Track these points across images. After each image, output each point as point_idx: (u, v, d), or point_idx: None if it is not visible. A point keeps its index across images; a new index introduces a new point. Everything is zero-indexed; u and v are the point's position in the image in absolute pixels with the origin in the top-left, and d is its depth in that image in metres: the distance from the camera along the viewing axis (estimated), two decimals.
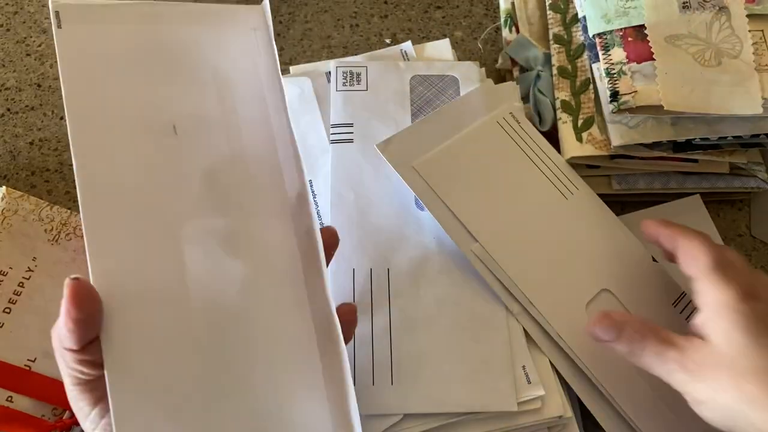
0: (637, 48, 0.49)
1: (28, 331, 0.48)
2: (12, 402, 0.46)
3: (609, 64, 0.49)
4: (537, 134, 0.52)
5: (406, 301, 0.47)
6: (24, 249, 0.50)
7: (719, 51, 0.48)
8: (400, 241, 0.49)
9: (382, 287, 0.47)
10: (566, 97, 0.54)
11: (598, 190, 0.55)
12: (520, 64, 0.58)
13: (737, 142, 0.50)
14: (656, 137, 0.49)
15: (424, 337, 0.45)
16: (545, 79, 0.55)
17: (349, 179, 0.50)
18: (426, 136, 0.50)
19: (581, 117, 0.53)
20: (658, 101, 0.47)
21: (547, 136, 0.53)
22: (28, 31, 0.65)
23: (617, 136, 0.50)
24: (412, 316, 0.46)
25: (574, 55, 0.55)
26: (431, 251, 0.48)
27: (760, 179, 0.54)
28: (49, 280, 0.50)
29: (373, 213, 0.49)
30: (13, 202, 0.51)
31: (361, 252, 0.48)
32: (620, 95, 0.48)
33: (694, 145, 0.50)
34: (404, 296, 0.47)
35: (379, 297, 0.47)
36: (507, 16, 0.62)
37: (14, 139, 0.60)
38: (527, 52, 0.57)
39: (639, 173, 0.54)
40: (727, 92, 0.47)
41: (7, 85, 0.62)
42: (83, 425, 0.35)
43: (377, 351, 0.45)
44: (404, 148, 0.49)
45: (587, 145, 0.52)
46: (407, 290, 0.47)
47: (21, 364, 0.47)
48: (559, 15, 0.57)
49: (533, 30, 0.59)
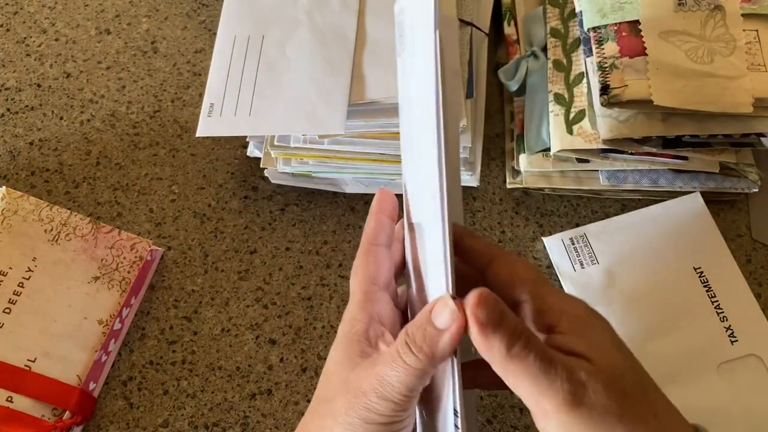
0: (630, 43, 0.49)
1: (28, 331, 0.49)
2: (12, 402, 0.46)
3: (601, 58, 0.50)
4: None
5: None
6: (24, 249, 0.51)
7: (712, 49, 0.48)
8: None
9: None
10: (559, 89, 0.54)
11: (588, 186, 0.55)
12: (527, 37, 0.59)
13: (727, 141, 0.50)
14: (646, 132, 0.49)
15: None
16: (541, 61, 0.56)
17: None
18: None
19: (573, 110, 0.53)
20: (649, 96, 0.47)
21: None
22: (28, 31, 0.66)
23: (607, 129, 0.50)
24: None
25: (569, 49, 0.55)
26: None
27: (750, 180, 0.53)
28: (49, 280, 0.50)
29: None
30: (13, 202, 0.52)
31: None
32: (611, 89, 0.48)
33: (684, 142, 0.50)
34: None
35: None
36: (506, 10, 0.62)
37: (14, 139, 0.60)
38: (537, 28, 0.58)
39: (628, 170, 0.54)
40: (719, 90, 0.47)
41: (7, 85, 0.63)
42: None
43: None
44: None
45: (577, 138, 0.52)
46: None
47: (21, 364, 0.48)
48: (558, 9, 0.57)
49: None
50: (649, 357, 0.49)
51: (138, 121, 0.62)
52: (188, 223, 0.57)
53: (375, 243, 0.37)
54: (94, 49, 0.65)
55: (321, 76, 0.51)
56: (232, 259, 0.56)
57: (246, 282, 0.55)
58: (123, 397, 0.51)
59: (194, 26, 0.66)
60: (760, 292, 0.54)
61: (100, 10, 0.67)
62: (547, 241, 0.55)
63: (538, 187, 0.57)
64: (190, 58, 0.65)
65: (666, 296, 0.52)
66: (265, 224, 0.57)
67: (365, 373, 0.32)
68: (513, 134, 0.59)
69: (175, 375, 0.52)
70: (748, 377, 0.49)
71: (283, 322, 0.54)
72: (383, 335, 0.34)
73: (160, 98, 0.63)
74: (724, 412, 0.48)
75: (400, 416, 0.32)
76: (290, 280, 0.55)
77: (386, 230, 0.38)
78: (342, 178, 0.57)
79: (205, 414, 0.51)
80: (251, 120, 0.51)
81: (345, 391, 0.33)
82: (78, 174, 0.59)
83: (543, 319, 0.34)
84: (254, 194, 0.59)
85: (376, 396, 0.32)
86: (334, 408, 0.33)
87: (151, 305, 0.54)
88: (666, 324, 0.50)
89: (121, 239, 0.53)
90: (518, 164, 0.56)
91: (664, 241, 0.54)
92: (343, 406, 0.32)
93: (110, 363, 0.52)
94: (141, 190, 0.58)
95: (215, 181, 0.59)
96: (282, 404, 0.51)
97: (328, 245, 0.56)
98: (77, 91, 0.63)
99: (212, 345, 0.53)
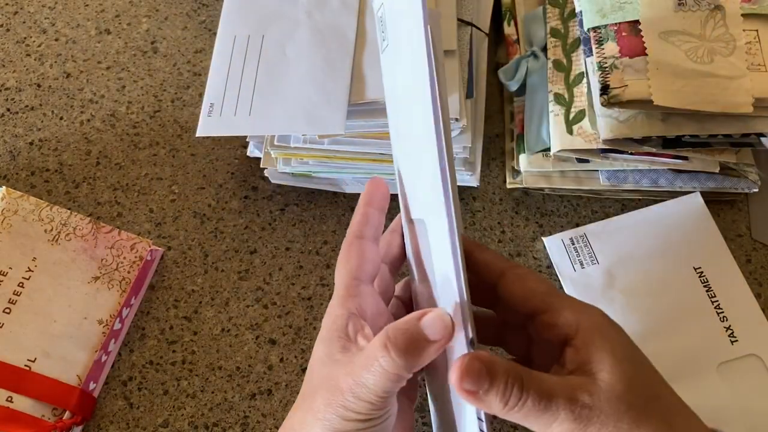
0: (630, 43, 0.49)
1: (28, 331, 0.49)
2: (12, 402, 0.46)
3: (601, 58, 0.50)
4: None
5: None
6: (24, 249, 0.51)
7: (712, 49, 0.48)
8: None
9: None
10: (559, 89, 0.54)
11: (588, 186, 0.55)
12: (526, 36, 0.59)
13: (727, 141, 0.50)
14: (646, 132, 0.49)
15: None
16: (541, 61, 0.56)
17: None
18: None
19: (573, 110, 0.53)
20: (648, 96, 0.47)
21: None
22: (28, 31, 0.66)
23: (607, 129, 0.50)
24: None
25: (569, 49, 0.55)
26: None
27: (750, 181, 0.53)
28: (49, 280, 0.50)
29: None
30: (13, 202, 0.52)
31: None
32: (611, 89, 0.48)
33: (684, 142, 0.50)
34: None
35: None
36: (506, 10, 0.62)
37: (14, 139, 0.60)
38: (537, 28, 0.58)
39: (628, 170, 0.54)
40: (719, 90, 0.47)
41: (7, 85, 0.63)
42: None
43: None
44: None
45: (577, 138, 0.52)
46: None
47: (21, 364, 0.48)
48: (558, 9, 0.57)
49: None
50: (649, 357, 0.49)
51: (138, 121, 0.62)
52: (188, 223, 0.57)
53: (359, 237, 0.37)
54: (94, 49, 0.65)
55: (321, 76, 0.51)
56: (232, 259, 0.56)
57: (246, 282, 0.55)
58: (123, 397, 0.51)
59: (194, 26, 0.66)
60: (760, 292, 0.54)
61: (100, 10, 0.67)
62: (547, 241, 0.55)
63: (538, 187, 0.57)
64: (190, 58, 0.65)
65: (666, 296, 0.52)
66: (265, 224, 0.57)
67: (343, 370, 0.33)
68: (513, 134, 0.59)
69: (175, 375, 0.52)
70: (748, 377, 0.49)
71: (283, 322, 0.54)
72: (363, 329, 0.34)
73: (160, 98, 0.63)
74: (724, 412, 0.48)
75: (377, 413, 0.33)
76: (290, 280, 0.55)
77: (373, 223, 0.38)
78: (342, 178, 0.57)
79: (205, 414, 0.51)
80: (251, 120, 0.51)
81: (324, 388, 0.33)
82: (78, 174, 0.59)
83: (558, 333, 0.34)
84: (254, 194, 0.59)
85: (353, 396, 0.32)
86: (314, 404, 0.33)
87: (151, 305, 0.54)
88: (666, 324, 0.50)
89: (121, 239, 0.53)
90: (518, 164, 0.56)
91: (664, 241, 0.53)
92: (323, 403, 0.33)
93: (110, 363, 0.52)
94: (141, 190, 0.58)
95: (215, 181, 0.59)
96: (282, 404, 0.51)
97: (328, 245, 0.56)
98: (77, 91, 0.63)
99: (212, 345, 0.53)
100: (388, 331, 0.32)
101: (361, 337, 0.34)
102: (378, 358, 0.31)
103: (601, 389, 0.31)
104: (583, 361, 0.32)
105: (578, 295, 0.52)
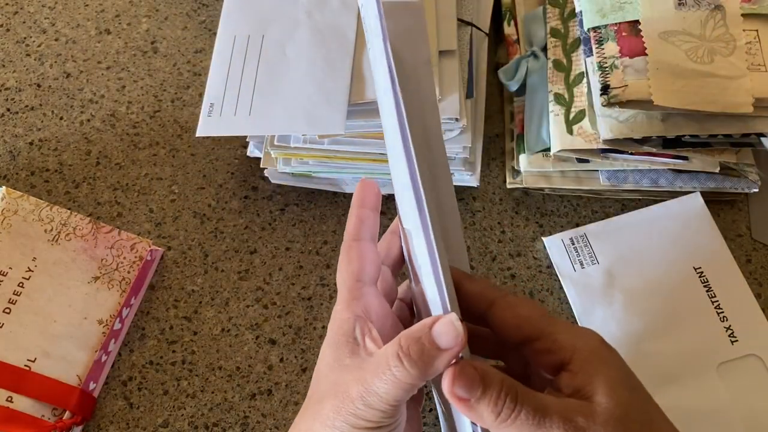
0: (630, 43, 0.49)
1: (28, 331, 0.49)
2: (12, 402, 0.46)
3: (602, 58, 0.50)
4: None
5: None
6: (24, 249, 0.51)
7: (712, 49, 0.48)
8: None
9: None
10: (559, 89, 0.54)
11: (588, 186, 0.55)
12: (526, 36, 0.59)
13: (727, 141, 0.50)
14: (646, 132, 0.49)
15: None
16: (541, 61, 0.56)
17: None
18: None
19: (573, 110, 0.53)
20: (649, 96, 0.47)
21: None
22: (28, 31, 0.66)
23: (607, 129, 0.50)
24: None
25: (569, 49, 0.55)
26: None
27: (750, 181, 0.53)
28: (49, 280, 0.50)
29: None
30: (13, 202, 0.52)
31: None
32: (611, 89, 0.48)
33: (684, 142, 0.50)
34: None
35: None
36: (506, 10, 0.62)
37: (14, 139, 0.60)
38: (537, 28, 0.58)
39: (628, 170, 0.54)
40: (719, 90, 0.47)
41: (7, 85, 0.63)
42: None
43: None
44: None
45: (577, 138, 0.52)
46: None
47: (21, 364, 0.48)
48: (558, 9, 0.57)
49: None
50: (649, 357, 0.49)
51: (138, 121, 0.62)
52: (188, 223, 0.57)
53: (357, 238, 0.36)
54: (94, 49, 0.65)
55: (321, 76, 0.51)
56: (232, 259, 0.56)
57: (246, 282, 0.55)
58: (123, 397, 0.51)
59: (194, 26, 0.66)
60: (760, 292, 0.54)
61: (100, 10, 0.67)
62: (547, 241, 0.55)
63: (538, 187, 0.57)
64: (190, 58, 0.65)
65: (666, 296, 0.52)
66: (265, 224, 0.57)
67: (353, 377, 0.32)
68: (513, 134, 0.59)
69: (175, 375, 0.52)
70: (748, 377, 0.49)
71: (283, 322, 0.54)
72: (370, 332, 0.34)
73: (160, 98, 0.63)
74: (724, 412, 0.48)
75: (388, 421, 0.32)
76: (290, 280, 0.55)
77: (369, 224, 0.37)
78: (342, 178, 0.57)
79: (205, 414, 0.51)
80: (251, 120, 0.51)
81: (333, 395, 0.32)
82: (78, 174, 0.59)
83: (554, 358, 0.33)
84: (254, 194, 0.59)
85: (363, 404, 0.31)
86: (323, 410, 0.33)
87: (151, 305, 0.54)
88: (666, 324, 0.50)
89: (121, 239, 0.53)
90: (518, 164, 0.56)
91: (664, 241, 0.53)
92: (331, 410, 0.32)
93: (110, 363, 0.52)
94: (141, 190, 0.58)
95: (215, 181, 0.59)
96: (282, 404, 0.51)
97: (328, 245, 0.56)
98: (77, 91, 0.63)
99: (212, 345, 0.53)
100: (401, 340, 0.31)
101: (369, 340, 0.34)
102: (391, 367, 0.31)
103: (597, 413, 0.31)
104: (580, 386, 0.32)
105: (578, 295, 0.52)
